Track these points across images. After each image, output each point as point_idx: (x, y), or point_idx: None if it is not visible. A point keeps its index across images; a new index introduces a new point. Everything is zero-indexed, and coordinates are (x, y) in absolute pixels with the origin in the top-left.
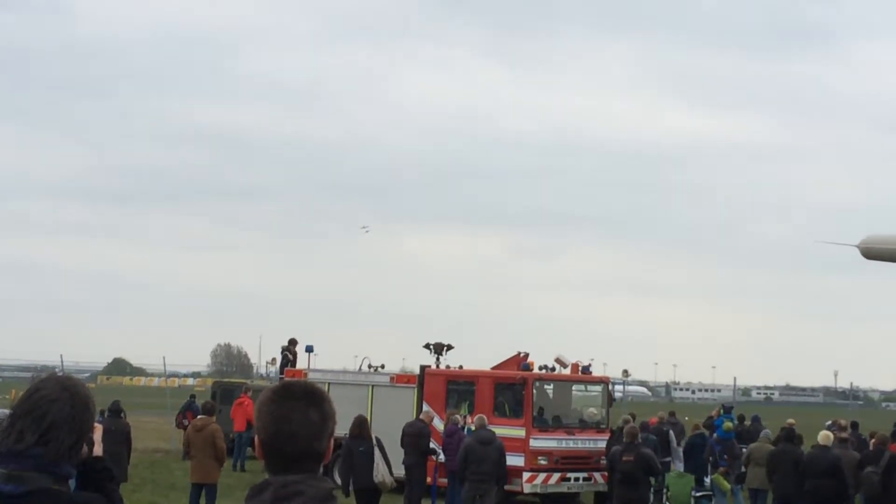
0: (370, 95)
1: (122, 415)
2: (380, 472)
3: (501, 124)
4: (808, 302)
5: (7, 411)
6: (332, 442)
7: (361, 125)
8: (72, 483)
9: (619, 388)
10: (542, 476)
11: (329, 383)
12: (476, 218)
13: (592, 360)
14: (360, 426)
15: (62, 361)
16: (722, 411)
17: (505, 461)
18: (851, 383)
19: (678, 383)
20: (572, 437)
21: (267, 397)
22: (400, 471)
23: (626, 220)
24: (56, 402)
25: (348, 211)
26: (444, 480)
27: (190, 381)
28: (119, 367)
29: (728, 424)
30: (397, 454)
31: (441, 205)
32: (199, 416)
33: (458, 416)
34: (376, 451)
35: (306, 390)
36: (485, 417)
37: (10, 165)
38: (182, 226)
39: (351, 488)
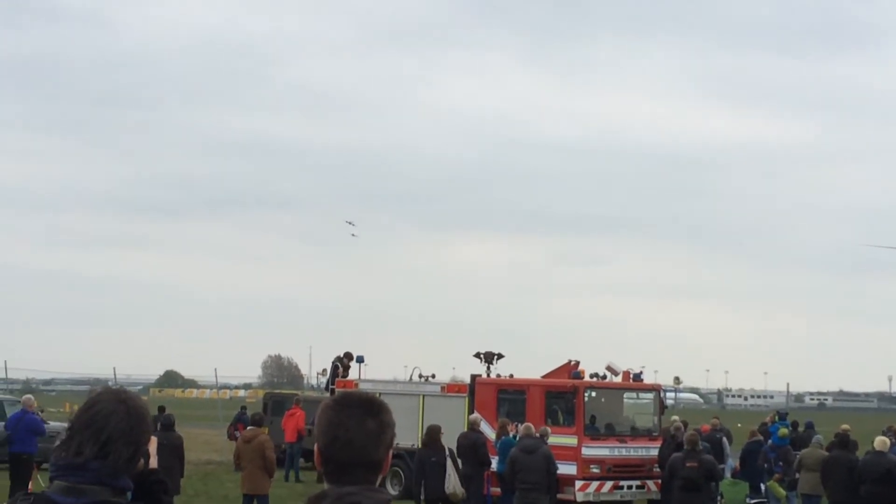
0: (408, 102)
1: (174, 428)
2: (451, 483)
3: (541, 129)
4: (861, 306)
5: (63, 425)
6: (390, 453)
7: (401, 132)
8: (128, 496)
9: (670, 395)
10: (594, 484)
11: (380, 393)
12: (522, 225)
13: (644, 367)
14: (433, 435)
15: (115, 374)
16: (777, 418)
17: (553, 469)
18: None
19: (730, 390)
20: (624, 445)
21: (326, 406)
22: None
23: (674, 224)
24: (113, 416)
25: (392, 219)
26: (497, 490)
27: (241, 393)
28: (171, 379)
29: (783, 431)
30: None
31: (486, 212)
32: (248, 428)
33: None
34: (448, 462)
35: (364, 400)
36: (531, 426)
37: (57, 178)
38: (230, 236)
39: (422, 497)
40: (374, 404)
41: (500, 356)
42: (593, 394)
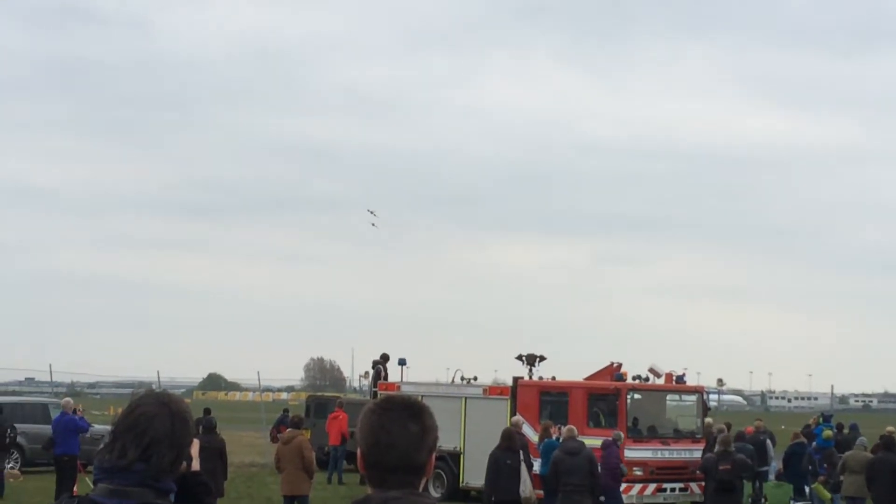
0: (448, 104)
1: (216, 430)
2: (526, 488)
3: (585, 131)
4: None
5: (107, 427)
6: (433, 456)
7: (441, 134)
8: (171, 497)
9: (713, 397)
10: (637, 487)
11: (422, 396)
12: (563, 226)
13: (686, 369)
14: (510, 439)
15: (158, 377)
16: (821, 420)
17: (597, 471)
18: None
19: (773, 392)
20: (667, 447)
21: (368, 409)
22: None
23: (717, 224)
24: (156, 419)
25: (435, 222)
26: (540, 492)
27: (284, 396)
28: (214, 382)
29: (827, 433)
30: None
31: (528, 214)
32: (287, 430)
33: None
34: (522, 465)
35: (406, 403)
36: (574, 428)
37: (101, 181)
38: (271, 238)
39: (492, 499)
40: (416, 408)
41: (542, 358)
42: (636, 396)
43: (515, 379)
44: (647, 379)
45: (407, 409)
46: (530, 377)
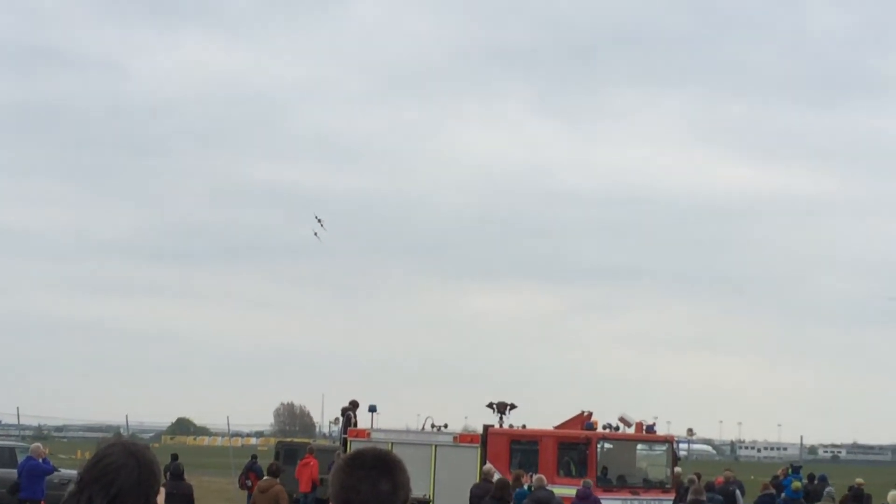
0: (422, 151)
1: (184, 477)
2: None
3: (557, 179)
4: (875, 358)
5: (74, 472)
6: None
7: (415, 181)
8: None
9: (683, 446)
10: None
11: (392, 443)
12: (536, 274)
13: (657, 418)
14: (503, 489)
15: (127, 422)
16: (790, 470)
17: None
18: None
19: (743, 441)
20: (637, 497)
21: (338, 466)
22: None
23: (688, 274)
24: (124, 469)
25: (406, 268)
26: None
27: (253, 441)
28: (183, 426)
29: (796, 484)
30: None
31: (500, 261)
32: (264, 478)
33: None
34: None
35: (378, 459)
36: (544, 478)
37: (73, 225)
38: (242, 283)
39: None
40: (386, 464)
41: (512, 406)
42: (606, 445)
43: (486, 427)
44: (617, 428)
45: (377, 467)
46: (501, 425)
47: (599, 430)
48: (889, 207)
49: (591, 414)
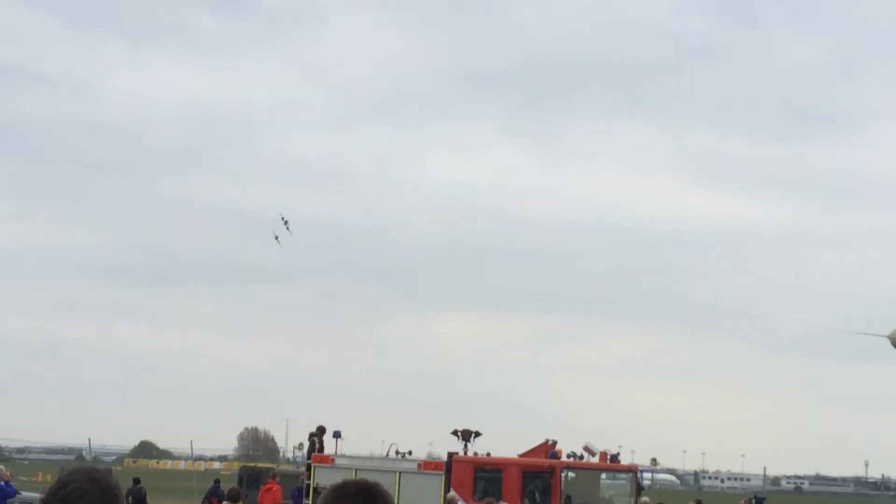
0: (393, 174)
1: (146, 501)
2: None
3: (526, 206)
4: (839, 390)
5: (35, 495)
6: None
7: (385, 205)
8: None
9: (647, 475)
10: None
11: (356, 469)
12: (502, 301)
13: (621, 447)
14: None
15: (90, 444)
16: (753, 501)
17: None
18: (883, 474)
19: (707, 471)
20: None
21: (324, 496)
22: None
23: (653, 303)
24: (87, 495)
25: (373, 293)
26: None
27: (216, 465)
28: (146, 449)
29: None
30: None
31: (466, 287)
32: (223, 503)
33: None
34: None
35: (361, 489)
36: None
37: (36, 246)
38: (207, 307)
39: None
40: (370, 493)
41: (477, 434)
42: (570, 474)
43: (450, 454)
44: (581, 457)
45: (361, 496)
46: (465, 453)
47: (564, 458)
48: (855, 239)
49: (555, 442)
